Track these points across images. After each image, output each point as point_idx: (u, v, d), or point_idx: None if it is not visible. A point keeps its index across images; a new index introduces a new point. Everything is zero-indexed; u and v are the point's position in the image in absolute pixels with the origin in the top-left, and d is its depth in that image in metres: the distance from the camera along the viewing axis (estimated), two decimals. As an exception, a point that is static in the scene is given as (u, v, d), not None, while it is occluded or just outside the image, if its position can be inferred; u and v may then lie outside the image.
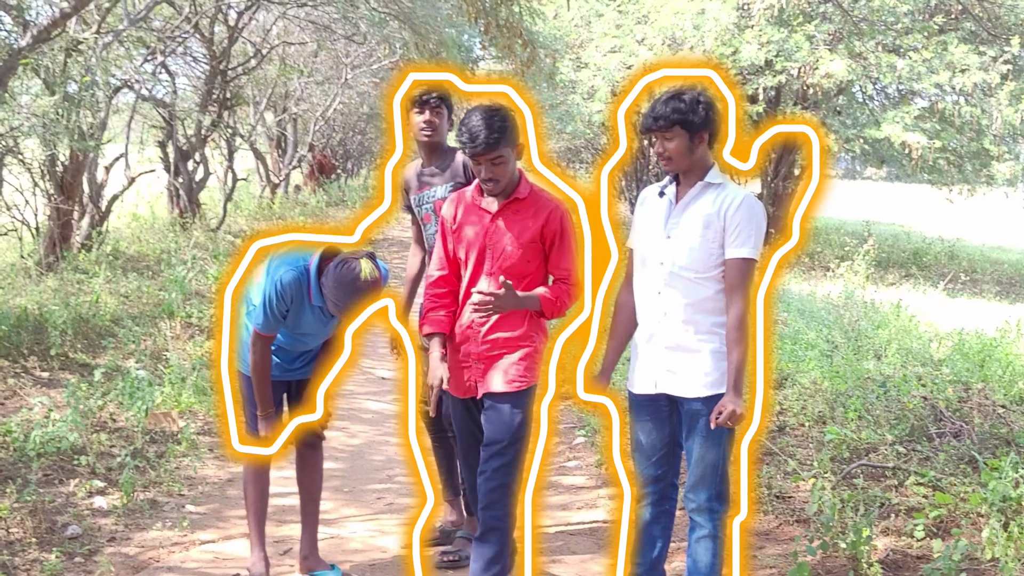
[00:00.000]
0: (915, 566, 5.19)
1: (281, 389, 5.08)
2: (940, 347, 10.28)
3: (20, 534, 5.30)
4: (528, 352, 4.69)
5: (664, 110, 4.29)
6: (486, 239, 4.68)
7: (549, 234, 4.68)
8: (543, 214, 4.67)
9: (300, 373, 5.07)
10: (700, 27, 16.95)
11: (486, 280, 4.66)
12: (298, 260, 4.69)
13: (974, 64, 16.15)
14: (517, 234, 4.65)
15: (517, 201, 4.68)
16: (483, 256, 4.69)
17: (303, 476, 5.20)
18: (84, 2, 9.35)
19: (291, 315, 4.77)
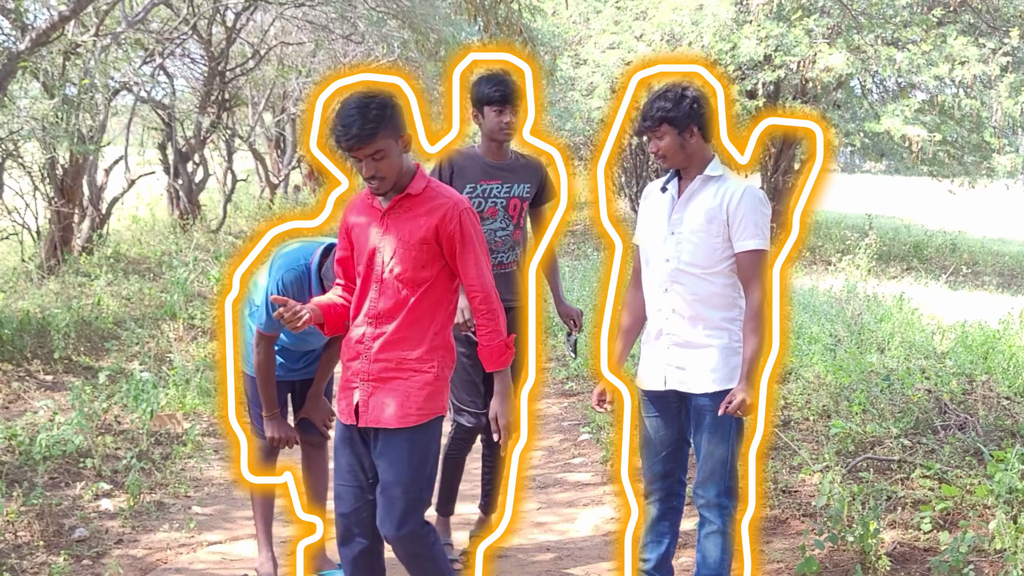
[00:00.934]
0: (923, 558, 5.19)
1: (285, 390, 5.05)
2: (943, 340, 10.27)
3: (28, 537, 5.31)
4: (429, 379, 4.05)
5: (650, 110, 4.33)
6: (376, 241, 4.08)
7: (446, 236, 4.03)
8: (438, 212, 4.03)
9: (303, 373, 5.05)
10: (698, 23, 16.94)
11: (375, 288, 4.05)
12: (299, 259, 4.65)
13: (973, 56, 16.14)
14: (407, 235, 4.02)
15: (409, 198, 4.05)
16: (372, 261, 4.07)
17: (309, 476, 5.17)
18: (82, 5, 9.35)
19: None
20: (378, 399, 4.03)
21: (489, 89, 4.99)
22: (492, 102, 5.01)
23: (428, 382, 4.04)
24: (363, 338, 4.06)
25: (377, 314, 4.04)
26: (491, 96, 4.99)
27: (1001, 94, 16.50)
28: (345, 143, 3.89)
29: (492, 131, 5.08)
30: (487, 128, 5.09)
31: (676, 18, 17.12)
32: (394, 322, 4.02)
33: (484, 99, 5.02)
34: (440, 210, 4.03)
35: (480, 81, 5.04)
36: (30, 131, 10.66)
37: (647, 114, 4.33)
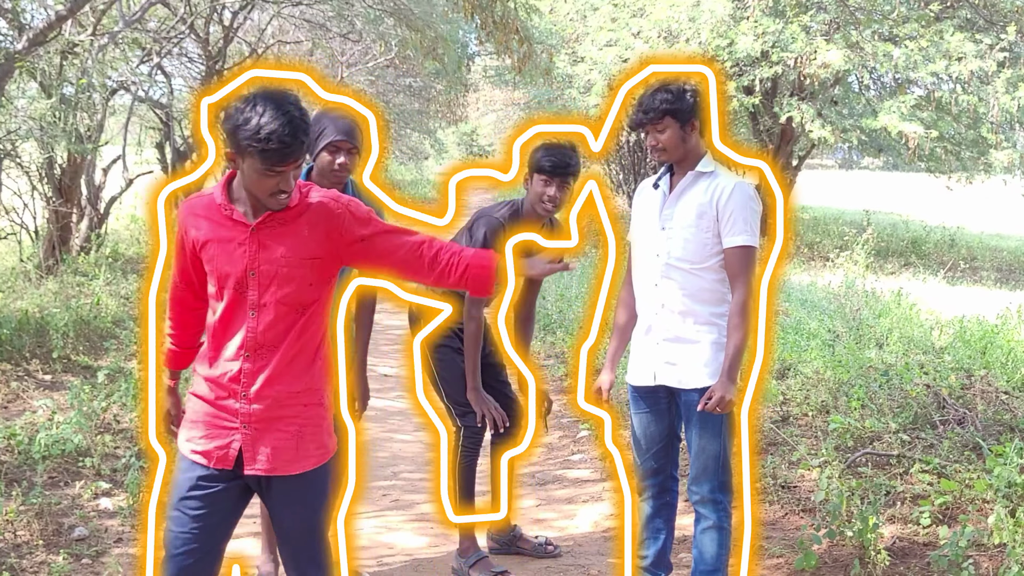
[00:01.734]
0: (922, 553, 5.20)
1: None
2: (942, 335, 10.29)
3: (27, 536, 5.30)
4: (322, 412, 3.58)
5: (652, 102, 4.31)
6: (249, 261, 3.42)
7: (343, 234, 3.50)
8: (321, 218, 3.47)
9: None
10: (696, 19, 16.94)
11: (253, 316, 3.43)
12: None
13: (970, 52, 16.13)
14: (290, 251, 3.43)
15: (285, 209, 3.44)
16: (245, 284, 3.42)
17: None
18: (79, 5, 9.35)
19: None
20: (268, 443, 3.48)
21: (547, 159, 4.91)
22: (545, 172, 4.93)
23: (322, 416, 3.58)
24: (238, 375, 3.46)
25: (257, 345, 3.45)
26: (545, 166, 4.91)
27: (998, 90, 16.48)
28: (278, 156, 3.26)
29: (537, 201, 5.00)
30: (534, 198, 5.01)
31: (673, 15, 17.12)
32: (278, 352, 3.47)
33: (539, 168, 4.94)
34: (322, 215, 3.47)
35: (541, 148, 4.92)
36: (28, 131, 10.65)
37: (649, 106, 4.32)
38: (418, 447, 7.38)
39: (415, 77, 24.76)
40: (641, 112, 4.34)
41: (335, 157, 4.50)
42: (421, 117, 33.36)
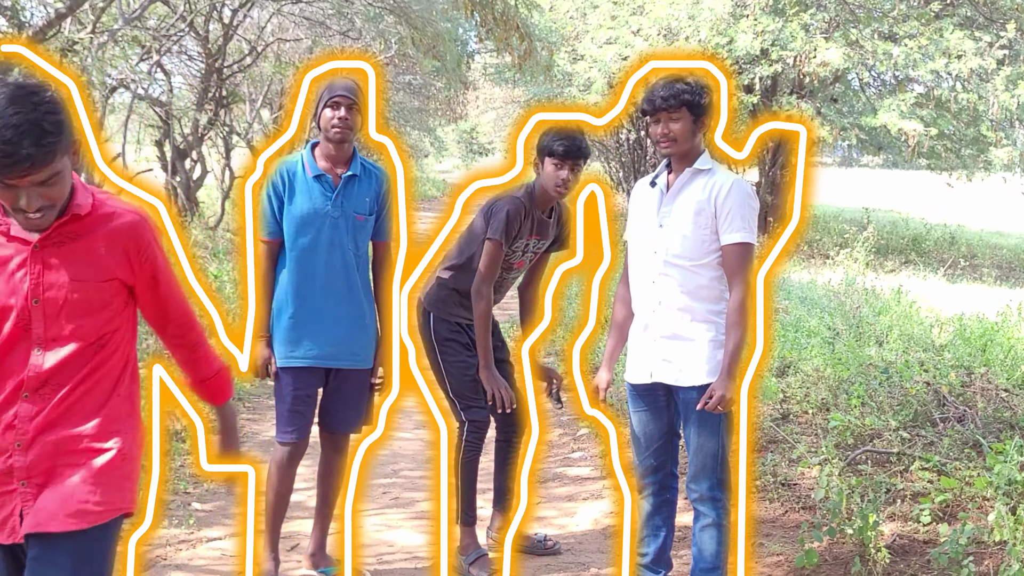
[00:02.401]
0: (922, 551, 5.20)
1: (314, 381, 4.79)
2: (942, 332, 10.29)
3: (27, 534, 5.29)
4: (113, 459, 2.91)
5: (672, 90, 4.28)
6: (30, 288, 2.81)
7: (141, 263, 2.95)
8: (123, 237, 2.91)
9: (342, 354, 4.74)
10: (695, 17, 16.94)
11: (39, 353, 2.84)
12: None
13: (970, 50, 16.14)
14: (82, 272, 2.86)
15: (75, 221, 2.84)
16: (26, 315, 2.82)
17: (323, 479, 5.02)
18: (79, 3, 9.35)
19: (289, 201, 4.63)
20: (41, 499, 2.83)
21: (557, 143, 4.90)
22: (556, 155, 4.93)
23: (112, 464, 2.90)
24: (13, 421, 2.83)
25: (39, 384, 2.84)
26: (556, 150, 4.91)
27: (997, 87, 16.49)
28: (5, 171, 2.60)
29: (550, 184, 4.99)
30: (546, 181, 5.01)
31: (673, 12, 17.12)
32: (63, 390, 2.86)
33: (550, 152, 4.94)
34: (125, 234, 2.91)
35: (549, 134, 4.93)
36: (27, 129, 10.64)
37: (669, 93, 4.28)
38: (418, 445, 7.37)
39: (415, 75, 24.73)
40: (660, 98, 4.30)
41: (335, 112, 4.61)
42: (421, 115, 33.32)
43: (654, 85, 4.37)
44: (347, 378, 4.80)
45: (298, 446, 4.85)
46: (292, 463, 4.89)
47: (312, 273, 4.64)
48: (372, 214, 4.73)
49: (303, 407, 4.79)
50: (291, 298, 4.66)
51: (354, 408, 4.87)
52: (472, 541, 5.31)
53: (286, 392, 4.74)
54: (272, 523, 4.91)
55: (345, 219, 4.64)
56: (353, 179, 4.69)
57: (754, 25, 16.69)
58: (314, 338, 4.67)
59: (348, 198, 4.65)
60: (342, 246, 4.65)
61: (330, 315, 4.67)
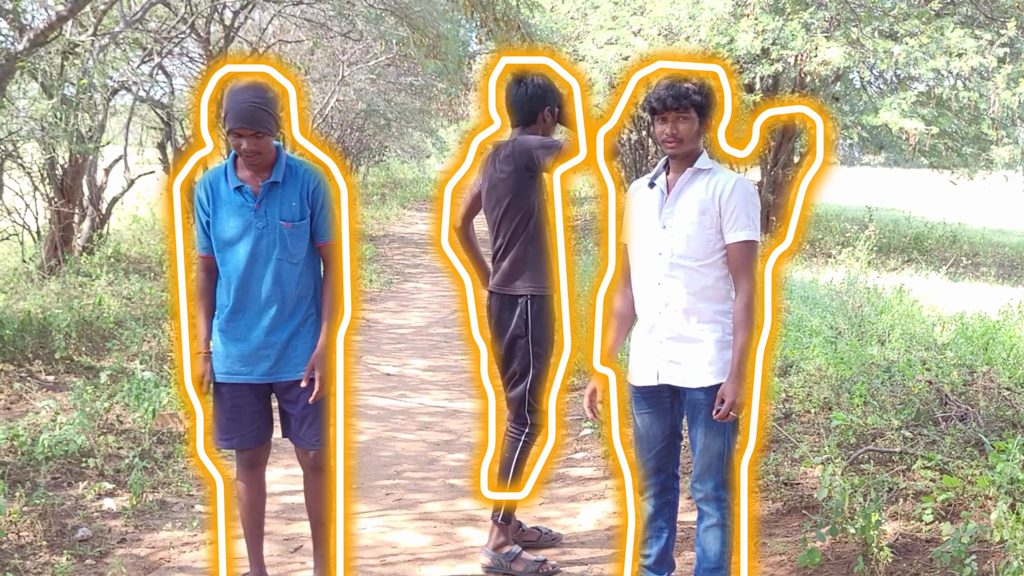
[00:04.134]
0: (924, 550, 5.19)
1: (252, 395, 4.66)
2: (944, 331, 10.29)
3: (30, 537, 5.31)
4: None
5: (681, 90, 4.27)
6: None
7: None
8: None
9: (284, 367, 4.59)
10: (696, 17, 16.93)
11: None
12: None
13: (971, 48, 16.12)
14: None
15: None
16: None
17: (309, 501, 4.85)
18: (80, 5, 9.36)
19: (214, 216, 4.49)
20: None
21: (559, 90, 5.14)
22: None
23: None
24: None
25: None
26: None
27: (999, 85, 16.48)
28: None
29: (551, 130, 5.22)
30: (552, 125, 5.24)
31: (674, 12, 17.11)
32: None
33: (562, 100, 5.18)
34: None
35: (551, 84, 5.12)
36: (29, 132, 10.67)
37: (680, 93, 4.27)
38: (421, 446, 7.39)
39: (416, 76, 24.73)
40: (671, 97, 4.28)
41: (239, 142, 4.38)
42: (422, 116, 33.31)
43: (660, 84, 4.36)
44: (291, 389, 4.62)
45: (247, 452, 4.75)
46: (247, 470, 4.78)
47: (243, 286, 4.48)
48: (303, 218, 4.52)
49: (240, 416, 4.64)
50: (225, 313, 4.52)
51: (310, 421, 4.65)
52: (508, 538, 5.35)
53: (221, 404, 4.65)
54: (247, 533, 4.82)
55: (271, 228, 4.46)
56: (275, 186, 4.47)
57: (754, 24, 16.68)
58: (249, 353, 4.53)
59: (271, 206, 4.46)
60: (271, 256, 4.48)
61: (266, 328, 4.51)
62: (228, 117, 4.33)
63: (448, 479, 6.79)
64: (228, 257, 4.49)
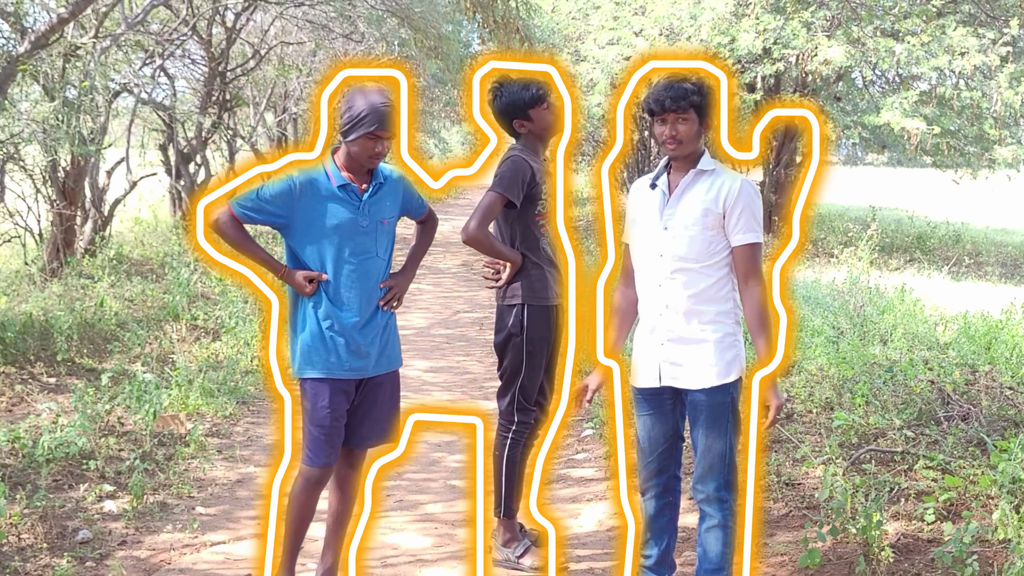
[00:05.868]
0: (926, 550, 5.18)
1: (346, 397, 4.58)
2: (946, 330, 10.28)
3: (31, 540, 5.30)
4: None
5: (680, 91, 4.26)
6: None
7: None
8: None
9: (375, 361, 4.61)
10: (697, 17, 16.91)
11: None
12: None
13: (973, 47, 16.08)
14: None
15: None
16: None
17: (337, 499, 4.78)
18: (81, 7, 9.36)
19: (308, 208, 4.45)
20: None
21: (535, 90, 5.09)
22: (541, 100, 5.12)
23: None
24: None
25: None
26: (538, 95, 5.10)
27: (1001, 84, 16.45)
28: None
29: (545, 127, 5.19)
30: (538, 127, 5.19)
31: (675, 12, 17.10)
32: None
33: (534, 100, 5.12)
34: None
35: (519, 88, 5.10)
36: (31, 134, 10.67)
37: (679, 95, 4.26)
38: (423, 447, 7.37)
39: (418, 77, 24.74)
40: (670, 98, 4.27)
41: (375, 145, 4.41)
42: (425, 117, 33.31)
43: (658, 85, 4.35)
44: (379, 385, 4.64)
45: (330, 468, 4.64)
46: (320, 486, 4.66)
47: (344, 283, 4.48)
48: (395, 216, 4.66)
49: (338, 428, 4.55)
50: (324, 308, 4.48)
51: (383, 419, 4.66)
52: (515, 533, 5.37)
53: (321, 414, 4.50)
54: (291, 547, 4.66)
55: (373, 227, 4.53)
56: (379, 187, 4.55)
57: (756, 24, 16.66)
58: (349, 348, 4.50)
59: (375, 206, 4.54)
60: (371, 253, 4.53)
61: (363, 324, 4.52)
62: (367, 119, 4.34)
63: (449, 480, 6.79)
64: (330, 252, 4.48)
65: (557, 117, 5.10)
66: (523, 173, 5.06)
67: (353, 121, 4.36)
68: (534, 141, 5.20)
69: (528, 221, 5.16)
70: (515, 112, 5.12)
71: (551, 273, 5.17)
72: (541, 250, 5.16)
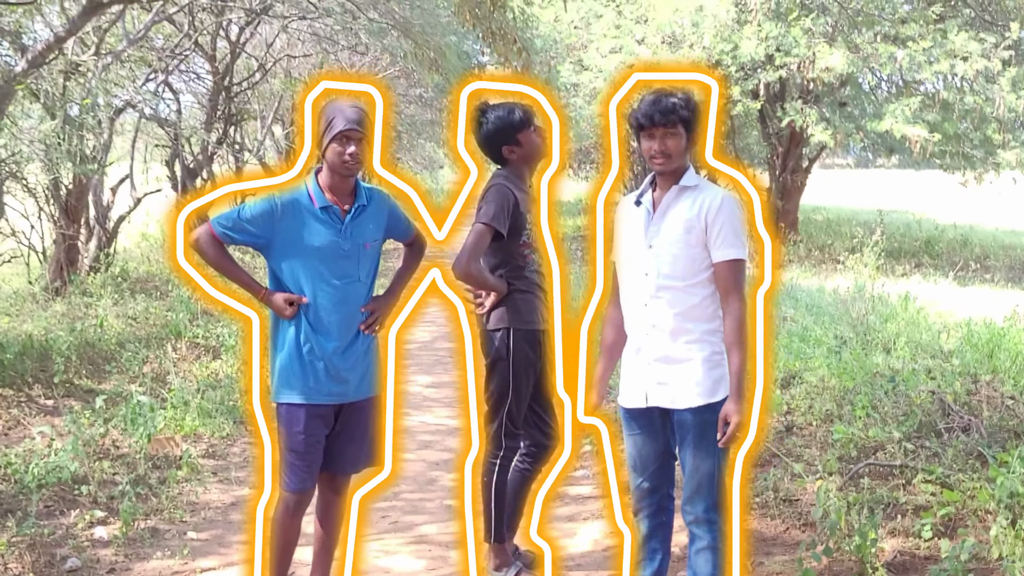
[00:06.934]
0: (923, 567, 5.14)
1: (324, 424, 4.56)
2: (949, 338, 10.20)
3: (18, 569, 5.24)
4: None
5: (668, 105, 4.21)
6: None
7: None
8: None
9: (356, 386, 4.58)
10: (699, 24, 16.89)
11: None
12: None
13: (975, 51, 16.03)
14: None
15: None
16: None
17: (322, 524, 4.78)
18: (78, 26, 9.35)
19: (289, 229, 4.41)
20: None
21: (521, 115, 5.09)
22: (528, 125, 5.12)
23: None
24: None
25: None
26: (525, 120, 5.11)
27: (1004, 88, 16.38)
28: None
29: (535, 152, 5.14)
30: (529, 152, 5.14)
31: (677, 20, 17.08)
32: None
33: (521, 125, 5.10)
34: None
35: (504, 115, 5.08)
36: (32, 152, 10.68)
37: (667, 109, 4.21)
38: (420, 466, 7.33)
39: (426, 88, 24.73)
40: (659, 112, 4.22)
41: (345, 147, 4.37)
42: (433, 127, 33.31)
43: (645, 99, 4.30)
44: (359, 410, 4.59)
45: (309, 493, 4.63)
46: (300, 510, 4.64)
47: (324, 306, 4.46)
48: (378, 239, 4.61)
49: (314, 453, 4.53)
50: (303, 332, 4.46)
51: (363, 444, 4.62)
52: (506, 558, 5.33)
53: (296, 439, 4.48)
54: (278, 573, 4.64)
55: (355, 250, 4.50)
56: (362, 209, 4.52)
57: (758, 31, 16.62)
58: (328, 373, 4.47)
59: (357, 228, 4.50)
60: (352, 277, 4.50)
61: (343, 348, 4.49)
62: (335, 121, 4.35)
63: (445, 500, 6.73)
64: (310, 274, 4.45)
65: (544, 139, 5.07)
66: (508, 201, 4.99)
67: (324, 129, 4.38)
68: (520, 167, 5.14)
69: (512, 250, 5.11)
70: (504, 138, 5.07)
71: (538, 297, 5.13)
72: (526, 277, 5.11)
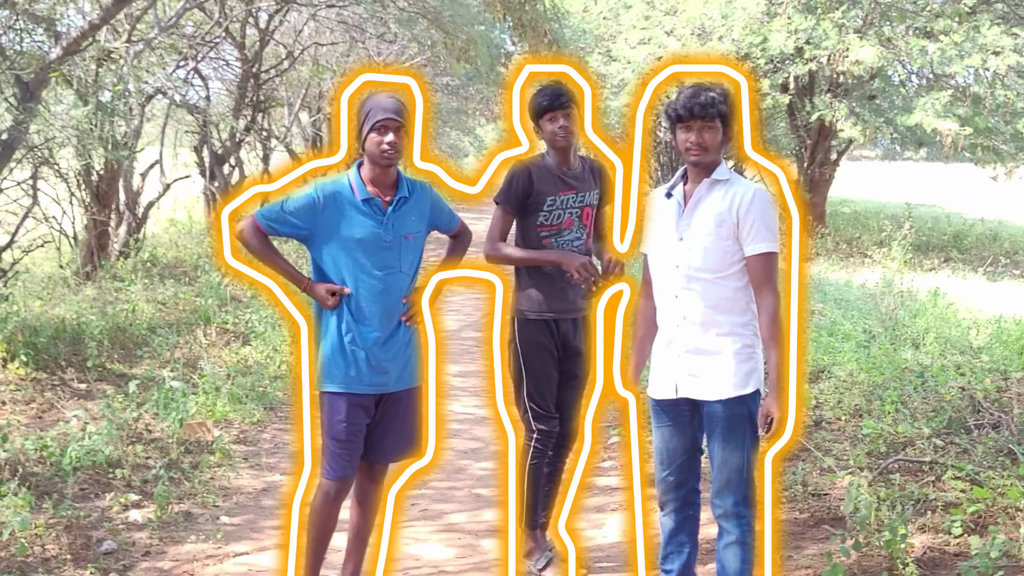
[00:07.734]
0: (952, 564, 5.12)
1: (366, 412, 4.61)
2: (979, 334, 10.17)
3: (55, 551, 5.32)
4: None
5: (708, 99, 4.22)
6: None
7: None
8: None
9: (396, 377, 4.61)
10: (728, 16, 16.83)
11: None
12: None
13: (1008, 46, 15.91)
14: None
15: None
16: None
17: (358, 512, 4.79)
18: (112, 13, 9.42)
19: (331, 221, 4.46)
20: None
21: (540, 99, 5.02)
22: (544, 111, 5.04)
23: None
24: None
25: None
26: (542, 105, 5.03)
27: (1035, 83, 16.31)
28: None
29: (551, 138, 5.10)
30: (547, 137, 5.12)
31: (706, 12, 17.02)
32: None
33: (539, 110, 5.05)
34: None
35: (533, 95, 5.03)
36: (65, 138, 10.73)
37: (708, 102, 4.22)
38: (449, 455, 7.36)
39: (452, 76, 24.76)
40: (698, 106, 4.22)
41: (383, 136, 4.41)
42: (459, 115, 33.36)
43: (684, 92, 4.31)
44: (399, 400, 4.63)
45: (349, 481, 4.67)
46: (340, 499, 4.67)
47: (365, 297, 4.49)
48: (421, 231, 4.65)
49: (355, 442, 4.57)
50: (345, 322, 4.50)
51: (406, 433, 4.67)
52: (538, 544, 5.36)
53: (338, 427, 4.52)
54: (314, 559, 4.67)
55: (397, 242, 4.53)
56: (403, 201, 4.55)
57: (787, 24, 16.55)
58: (369, 363, 4.51)
59: (399, 220, 4.53)
60: (394, 268, 4.53)
61: (384, 339, 4.53)
62: (371, 112, 4.40)
63: (474, 488, 6.77)
64: (352, 266, 4.50)
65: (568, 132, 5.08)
66: (516, 181, 5.08)
67: (363, 121, 4.43)
68: (551, 150, 5.18)
69: (528, 231, 5.17)
70: (532, 119, 5.10)
71: (556, 286, 5.14)
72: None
